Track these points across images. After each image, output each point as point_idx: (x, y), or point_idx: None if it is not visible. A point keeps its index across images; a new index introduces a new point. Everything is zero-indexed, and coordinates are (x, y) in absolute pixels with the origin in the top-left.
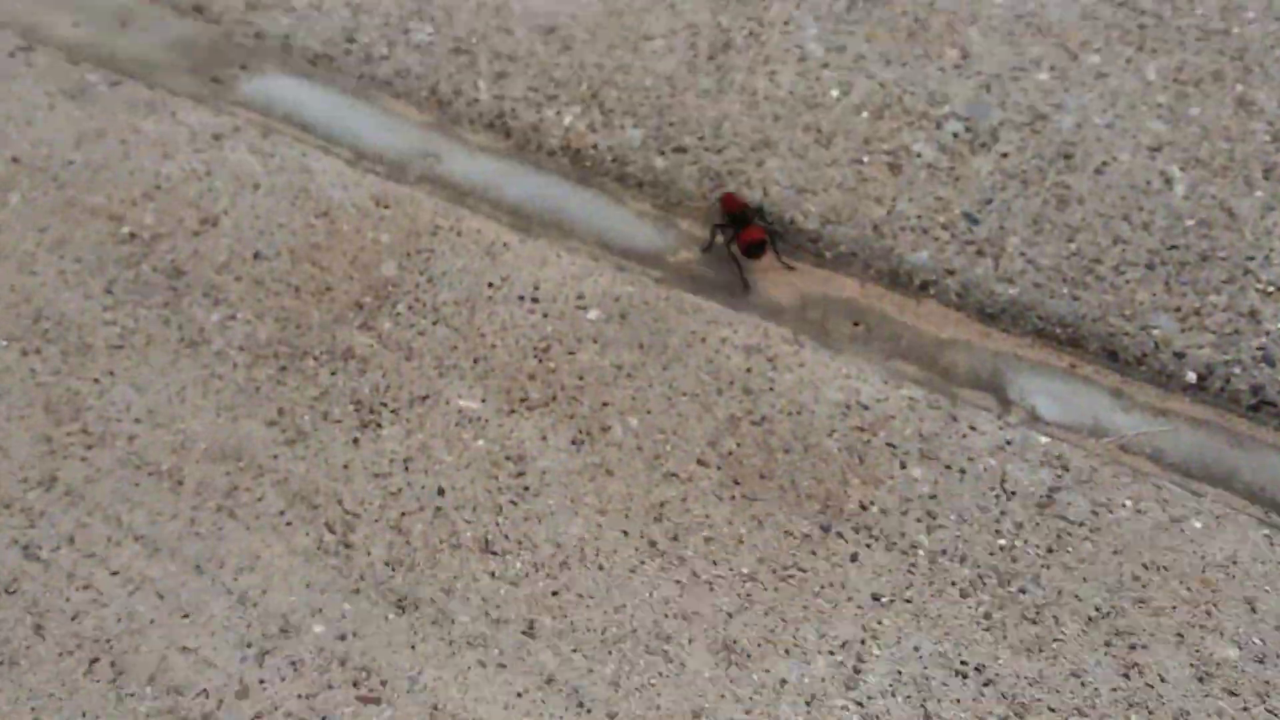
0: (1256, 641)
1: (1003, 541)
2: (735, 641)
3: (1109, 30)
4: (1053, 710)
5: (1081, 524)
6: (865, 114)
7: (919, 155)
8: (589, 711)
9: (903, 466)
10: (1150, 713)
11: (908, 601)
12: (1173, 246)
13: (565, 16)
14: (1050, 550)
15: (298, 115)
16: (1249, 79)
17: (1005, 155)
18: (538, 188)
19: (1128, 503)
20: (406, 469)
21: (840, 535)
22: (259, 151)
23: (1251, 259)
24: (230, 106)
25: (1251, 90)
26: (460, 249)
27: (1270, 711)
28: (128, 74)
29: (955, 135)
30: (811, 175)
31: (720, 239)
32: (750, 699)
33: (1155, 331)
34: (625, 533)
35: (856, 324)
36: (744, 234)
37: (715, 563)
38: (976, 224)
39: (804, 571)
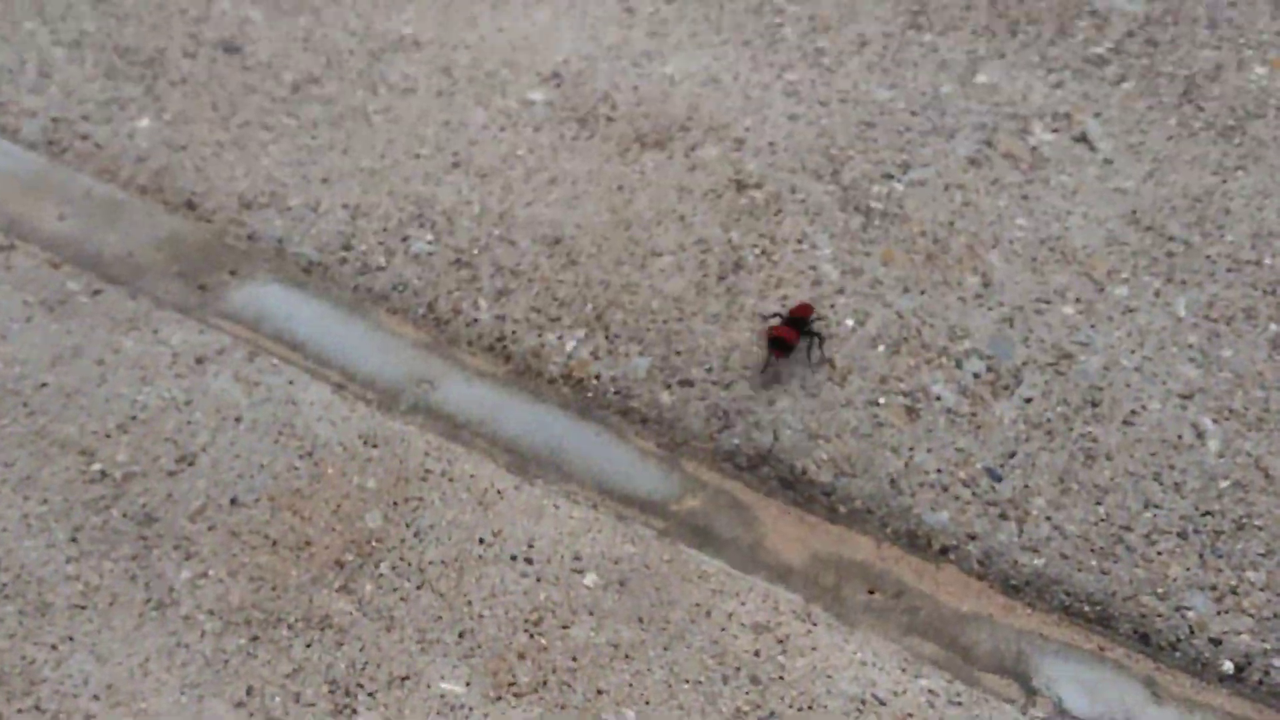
0: None
1: None
2: None
3: (1136, 258)
4: None
5: None
6: (882, 348)
7: (938, 399)
8: None
9: None
10: None
11: None
12: (1207, 513)
13: (571, 226)
14: None
15: (288, 332)
16: None
17: (1029, 401)
18: (537, 421)
19: None
20: None
21: None
22: (243, 379)
23: None
24: (217, 320)
25: None
26: (451, 498)
27: None
28: (111, 278)
29: (976, 376)
30: (825, 418)
31: (768, 323)
32: None
33: (1189, 613)
34: None
35: (872, 591)
36: (776, 328)
37: None
38: (999, 481)
39: None
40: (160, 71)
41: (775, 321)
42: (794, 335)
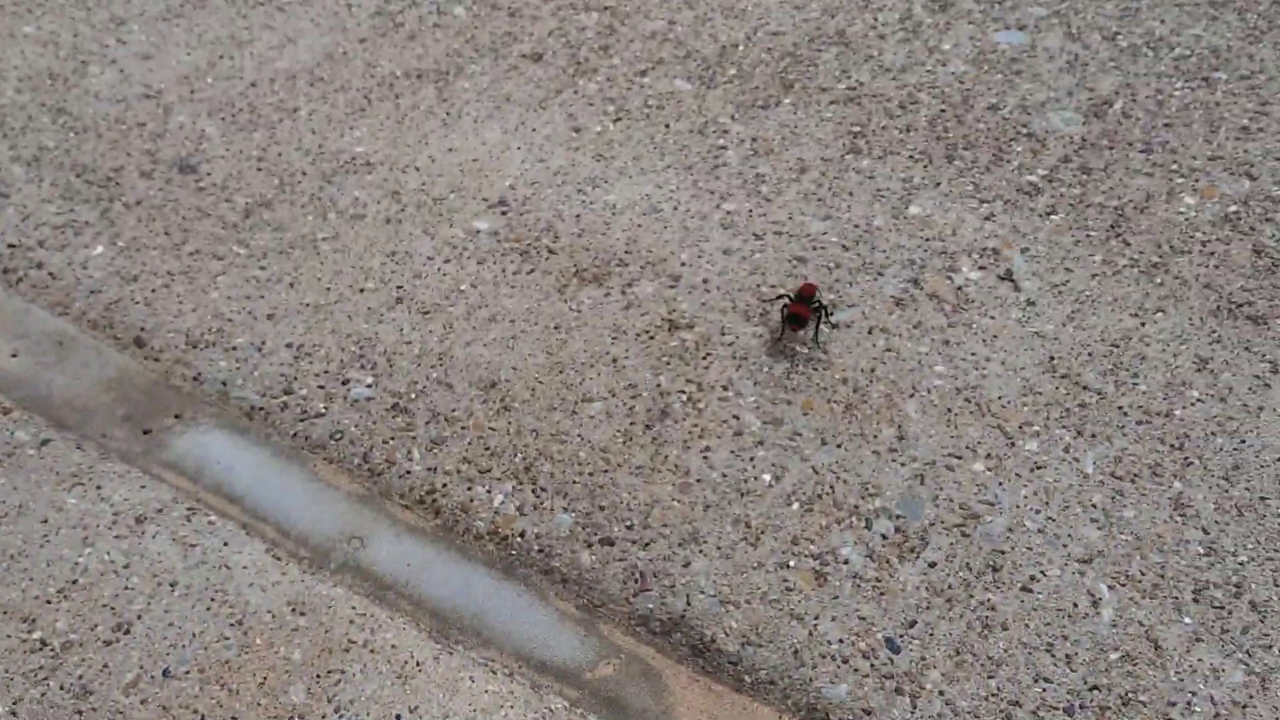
0: None
1: None
2: None
3: (1049, 409)
4: None
5: None
6: (796, 505)
7: (846, 562)
8: None
9: None
10: None
11: None
12: (1095, 687)
13: (508, 369)
14: None
15: (227, 484)
16: (1187, 474)
17: (933, 565)
18: (462, 581)
19: None
20: None
21: None
22: (180, 540)
23: (1173, 704)
24: (159, 470)
25: (1189, 489)
26: (371, 671)
27: None
28: (60, 423)
29: (884, 537)
30: (737, 581)
31: (780, 306)
32: None
33: None
34: None
35: None
36: (792, 305)
37: None
38: (897, 653)
39: None
40: (116, 193)
41: (787, 299)
42: (806, 311)
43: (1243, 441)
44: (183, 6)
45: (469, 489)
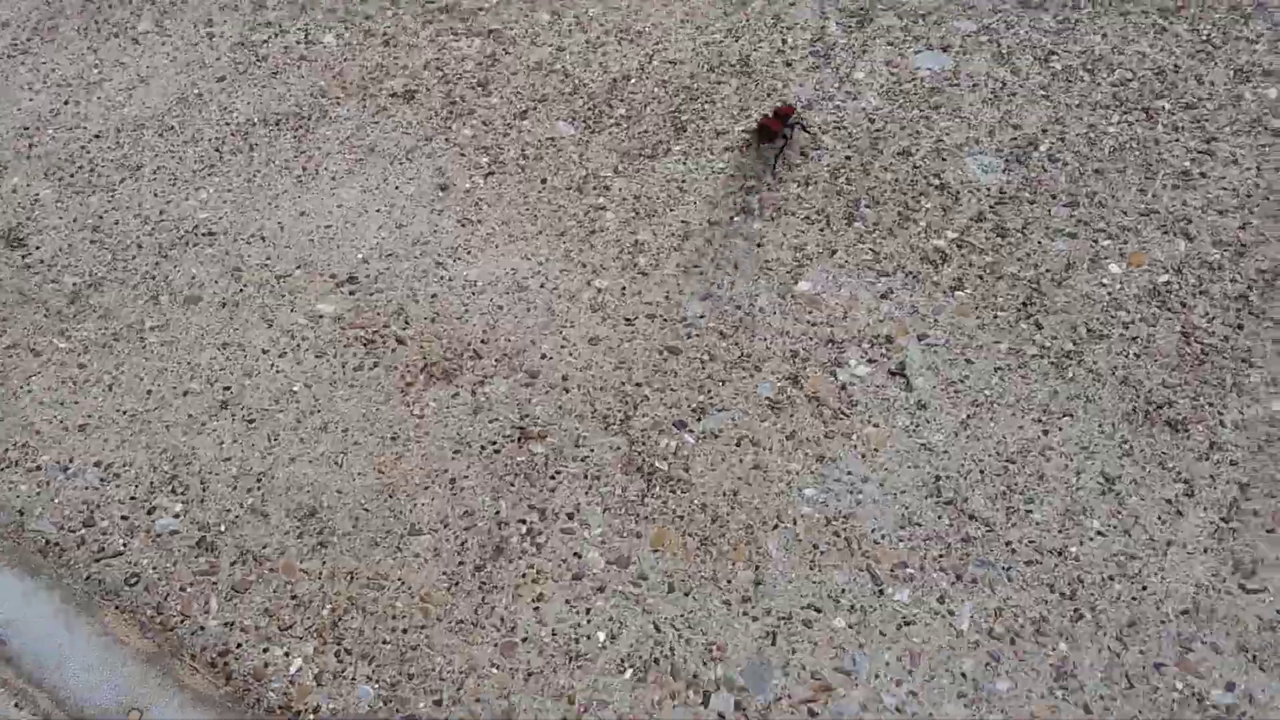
0: None
1: None
2: None
3: (928, 545)
4: None
5: None
6: (629, 673)
7: None
8: None
9: None
10: None
11: None
12: None
13: (332, 493)
14: None
15: (6, 640)
16: (1075, 632)
17: None
18: None
19: None
20: None
21: None
22: None
23: None
24: None
25: (1076, 652)
26: None
27: None
28: None
29: (722, 717)
30: None
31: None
32: None
33: None
34: None
35: None
36: (765, 119)
37: None
38: None
39: None
40: None
41: (765, 115)
42: (778, 125)
43: (1144, 589)
44: (29, 41)
45: (265, 650)
